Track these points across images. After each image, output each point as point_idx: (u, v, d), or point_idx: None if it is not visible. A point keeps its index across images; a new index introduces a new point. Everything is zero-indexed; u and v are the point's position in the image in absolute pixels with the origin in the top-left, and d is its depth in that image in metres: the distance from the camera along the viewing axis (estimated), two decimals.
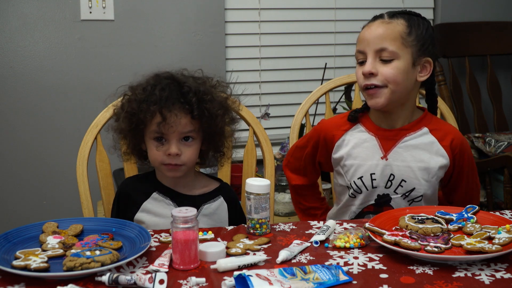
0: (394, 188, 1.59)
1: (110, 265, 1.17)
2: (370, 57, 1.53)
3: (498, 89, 2.94)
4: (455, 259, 1.24)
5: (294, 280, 1.15)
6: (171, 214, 1.25)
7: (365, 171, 1.60)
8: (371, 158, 1.60)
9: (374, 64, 1.52)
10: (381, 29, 1.53)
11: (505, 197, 2.50)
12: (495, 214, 1.49)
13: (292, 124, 1.93)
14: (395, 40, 1.52)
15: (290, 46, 2.90)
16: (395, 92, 1.53)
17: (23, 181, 2.66)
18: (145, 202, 1.57)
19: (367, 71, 1.52)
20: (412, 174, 1.58)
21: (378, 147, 1.60)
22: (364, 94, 1.58)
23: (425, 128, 1.61)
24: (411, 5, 3.00)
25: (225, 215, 1.62)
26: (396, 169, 1.59)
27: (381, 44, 1.52)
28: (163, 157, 1.51)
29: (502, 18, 3.03)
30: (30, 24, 2.57)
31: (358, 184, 1.61)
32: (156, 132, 1.50)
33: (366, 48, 1.54)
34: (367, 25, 1.58)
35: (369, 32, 1.54)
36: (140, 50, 2.68)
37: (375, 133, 1.62)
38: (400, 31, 1.53)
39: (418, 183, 1.58)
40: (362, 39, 1.55)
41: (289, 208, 2.60)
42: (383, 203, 1.62)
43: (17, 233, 1.34)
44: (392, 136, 1.60)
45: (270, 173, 1.82)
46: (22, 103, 2.61)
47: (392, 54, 1.52)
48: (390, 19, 1.55)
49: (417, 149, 1.59)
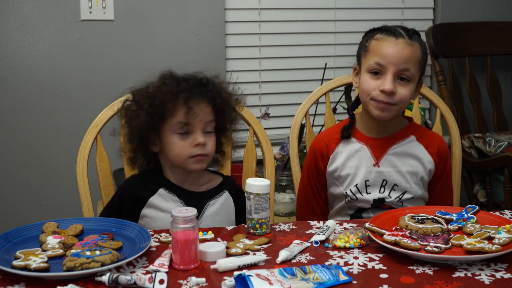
0: (388, 192, 1.67)
1: (110, 265, 1.18)
2: (390, 75, 1.56)
3: (498, 89, 2.94)
4: (455, 259, 1.24)
5: (294, 280, 1.15)
6: (171, 214, 1.25)
7: (360, 179, 1.67)
8: (365, 166, 1.67)
9: (394, 83, 1.57)
10: (408, 51, 1.56)
11: (505, 197, 2.50)
12: (495, 214, 1.49)
13: (292, 124, 1.93)
14: (416, 64, 1.58)
15: (290, 46, 2.89)
16: (400, 110, 1.63)
17: (23, 181, 2.66)
18: (152, 198, 1.56)
19: (389, 89, 1.56)
20: (402, 179, 1.66)
21: (369, 155, 1.68)
22: (370, 103, 1.61)
23: (412, 136, 1.70)
24: (411, 5, 3.00)
25: (232, 209, 1.62)
26: (388, 174, 1.66)
27: (405, 65, 1.56)
28: (190, 149, 1.52)
29: (502, 18, 3.03)
30: (30, 24, 2.57)
31: (354, 191, 1.68)
32: (181, 123, 1.51)
33: (389, 65, 1.56)
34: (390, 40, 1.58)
35: (396, 50, 1.56)
36: (140, 50, 2.68)
37: (366, 142, 1.69)
38: (419, 56, 1.59)
39: (409, 186, 1.66)
40: (386, 54, 1.56)
41: (289, 208, 2.60)
42: (379, 204, 1.68)
43: (17, 233, 1.34)
44: (382, 144, 1.68)
45: (270, 173, 1.82)
46: (22, 103, 2.61)
47: (411, 76, 1.58)
48: (411, 41, 1.58)
49: (405, 155, 1.68)
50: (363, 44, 1.67)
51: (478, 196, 2.72)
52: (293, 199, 2.60)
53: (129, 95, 1.59)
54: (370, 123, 1.69)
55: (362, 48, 1.66)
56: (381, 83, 1.57)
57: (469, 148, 2.72)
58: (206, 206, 1.58)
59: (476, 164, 2.65)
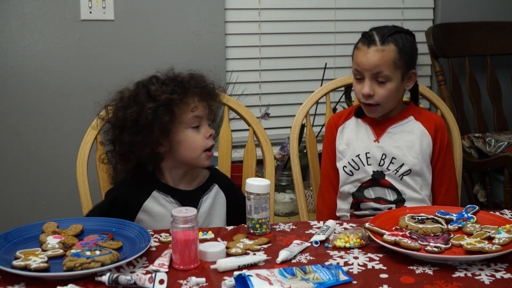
0: (387, 166, 1.78)
1: (110, 265, 1.18)
2: (367, 79, 1.75)
3: (498, 89, 2.94)
4: (455, 259, 1.24)
5: (294, 280, 1.15)
6: (171, 214, 1.25)
7: (361, 150, 1.82)
8: (366, 140, 1.83)
9: (372, 86, 1.74)
10: (376, 57, 1.72)
11: (505, 197, 2.50)
12: (495, 214, 1.49)
13: (293, 124, 1.93)
14: (389, 65, 1.73)
15: (290, 46, 2.89)
16: (386, 108, 1.79)
17: (23, 181, 2.66)
18: (146, 201, 1.56)
19: (366, 93, 1.74)
20: (400, 152, 1.78)
21: (371, 132, 1.83)
22: (362, 105, 1.81)
23: (411, 116, 1.83)
24: (411, 5, 3.00)
25: (223, 201, 1.64)
26: (387, 149, 1.79)
27: (376, 69, 1.72)
28: (205, 141, 1.56)
29: (502, 18, 3.03)
30: (30, 24, 2.57)
31: (356, 161, 1.81)
32: (196, 117, 1.54)
33: (364, 71, 1.74)
34: (363, 50, 1.74)
35: (366, 59, 1.73)
36: (140, 50, 2.68)
37: (369, 123, 1.85)
38: (392, 57, 1.73)
39: (406, 159, 1.77)
40: (360, 63, 1.75)
41: (289, 208, 2.60)
42: (378, 177, 1.78)
43: (17, 233, 1.35)
44: (383, 124, 1.83)
45: (270, 173, 1.83)
46: (22, 103, 2.61)
47: (386, 77, 1.73)
48: (383, 46, 1.73)
49: (404, 132, 1.81)
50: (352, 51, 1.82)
51: (478, 196, 2.72)
52: (293, 199, 2.60)
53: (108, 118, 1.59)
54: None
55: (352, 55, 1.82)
56: (361, 87, 1.76)
57: (469, 148, 2.72)
58: (200, 203, 1.59)
59: (476, 164, 2.65)
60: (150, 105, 1.50)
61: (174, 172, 1.59)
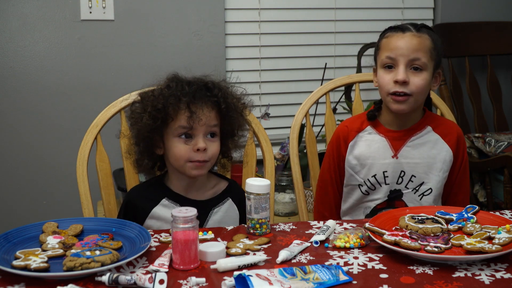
0: (406, 184, 1.70)
1: (110, 265, 1.18)
2: (402, 65, 1.62)
3: (498, 89, 2.94)
4: (455, 259, 1.24)
5: (294, 280, 1.15)
6: (171, 214, 1.25)
7: (378, 169, 1.71)
8: (383, 157, 1.71)
9: (407, 73, 1.62)
10: (415, 41, 1.62)
11: (505, 197, 2.50)
12: (495, 214, 1.49)
13: (292, 124, 1.93)
14: (426, 53, 1.63)
15: (290, 46, 2.89)
16: (417, 101, 1.66)
17: (23, 181, 2.66)
18: (154, 208, 1.56)
19: (401, 79, 1.61)
20: (420, 170, 1.69)
21: (388, 147, 1.71)
22: (388, 98, 1.66)
23: (428, 126, 1.73)
24: (411, 5, 3.00)
25: (236, 216, 1.61)
26: (406, 166, 1.70)
27: (415, 54, 1.61)
28: (190, 153, 1.50)
29: (502, 18, 3.03)
30: (30, 24, 2.57)
31: (372, 182, 1.72)
32: (183, 128, 1.50)
33: (399, 57, 1.62)
34: (398, 35, 1.65)
35: (404, 42, 1.63)
36: (140, 50, 2.68)
37: (385, 135, 1.72)
38: (428, 45, 1.64)
39: (427, 177, 1.69)
40: (395, 47, 1.63)
41: (289, 208, 2.60)
42: (394, 198, 1.71)
43: (17, 233, 1.34)
44: (401, 137, 1.71)
45: (270, 173, 1.82)
46: (22, 103, 2.61)
47: (423, 65, 1.62)
48: (419, 33, 1.64)
49: (423, 146, 1.71)
50: (376, 44, 1.73)
51: (478, 196, 2.72)
52: (293, 199, 2.60)
53: (138, 97, 1.59)
54: (391, 117, 1.72)
55: (376, 48, 1.73)
56: (394, 75, 1.63)
57: (469, 148, 2.72)
58: (209, 214, 1.58)
59: (476, 164, 2.65)
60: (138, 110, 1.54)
61: (180, 178, 1.58)
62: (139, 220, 1.54)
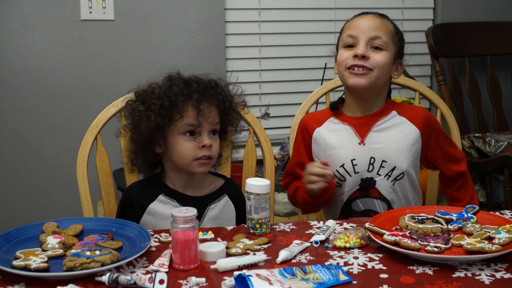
0: (377, 170, 1.65)
1: (110, 265, 1.18)
2: (362, 42, 1.63)
3: (498, 89, 2.94)
4: (455, 259, 1.24)
5: (294, 280, 1.15)
6: (171, 214, 1.25)
7: (345, 158, 1.66)
8: (349, 145, 1.67)
9: (367, 50, 1.62)
10: (377, 21, 1.66)
11: (505, 197, 2.50)
12: (495, 214, 1.49)
13: (292, 124, 1.93)
14: (387, 34, 1.65)
15: (290, 46, 2.89)
16: (378, 79, 1.63)
17: (23, 181, 2.66)
18: (151, 204, 1.56)
19: (360, 53, 1.61)
20: (391, 154, 1.65)
21: (354, 134, 1.68)
22: (346, 73, 1.64)
23: (393, 111, 1.71)
24: (411, 5, 3.00)
25: (232, 213, 1.62)
26: (375, 151, 1.65)
27: (376, 32, 1.63)
28: (196, 151, 1.52)
29: (502, 18, 3.03)
30: (30, 24, 2.57)
31: (341, 172, 1.67)
32: (190, 125, 1.51)
33: (360, 34, 1.64)
34: (360, 16, 1.70)
35: (365, 21, 1.66)
36: (140, 50, 2.68)
37: (349, 122, 1.70)
38: (390, 28, 1.68)
39: (398, 161, 1.64)
40: (357, 25, 1.66)
41: (289, 208, 2.60)
42: (367, 187, 1.66)
43: (17, 233, 1.34)
44: (366, 122, 1.69)
45: (270, 173, 1.82)
46: (22, 103, 2.61)
47: (384, 44, 1.63)
48: (381, 17, 1.69)
49: (390, 130, 1.68)
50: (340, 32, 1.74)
51: (478, 196, 2.72)
52: None
53: (131, 95, 1.59)
54: (354, 102, 1.70)
55: (339, 35, 1.74)
56: (354, 51, 1.63)
57: (469, 148, 2.72)
58: (206, 211, 1.58)
59: (476, 164, 2.65)
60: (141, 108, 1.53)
61: (179, 176, 1.58)
62: (136, 216, 1.56)
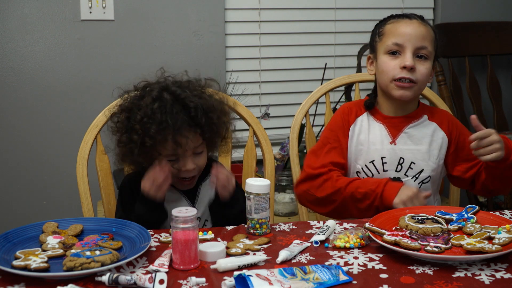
0: (405, 171, 1.67)
1: (110, 265, 1.18)
2: (409, 52, 1.60)
3: (498, 89, 2.94)
4: (455, 259, 1.24)
5: (294, 280, 1.15)
6: (171, 214, 1.25)
7: (376, 155, 1.68)
8: (381, 143, 1.68)
9: (414, 60, 1.60)
10: (423, 29, 1.62)
11: (505, 197, 2.50)
12: (495, 214, 1.49)
13: (292, 124, 1.93)
14: (432, 43, 1.63)
15: (290, 46, 2.89)
16: (420, 89, 1.66)
17: (23, 181, 2.66)
18: None
19: (410, 64, 1.59)
20: (419, 157, 1.67)
21: (386, 133, 1.69)
22: (392, 85, 1.64)
23: (425, 115, 1.72)
24: (411, 5, 3.00)
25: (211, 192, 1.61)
26: (405, 152, 1.67)
27: (422, 42, 1.61)
28: (179, 173, 1.55)
29: (502, 18, 3.03)
30: (30, 24, 2.57)
31: (370, 168, 1.68)
32: (170, 156, 1.52)
33: (407, 43, 1.61)
34: (404, 21, 1.64)
35: (412, 28, 1.61)
36: (140, 50, 2.68)
37: (383, 121, 1.70)
38: (433, 35, 1.65)
39: (426, 164, 1.67)
40: (403, 33, 1.62)
41: (289, 208, 2.60)
42: None
43: (17, 233, 1.34)
44: (398, 123, 1.70)
45: (270, 173, 1.82)
46: (22, 103, 2.61)
47: (429, 53, 1.62)
48: (424, 22, 1.65)
49: (421, 134, 1.69)
50: (376, 31, 1.71)
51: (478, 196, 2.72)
52: (293, 199, 2.60)
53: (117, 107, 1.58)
54: (389, 104, 1.71)
55: (376, 35, 1.70)
56: (401, 61, 1.61)
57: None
58: (198, 191, 1.63)
59: None
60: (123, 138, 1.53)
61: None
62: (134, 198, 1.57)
